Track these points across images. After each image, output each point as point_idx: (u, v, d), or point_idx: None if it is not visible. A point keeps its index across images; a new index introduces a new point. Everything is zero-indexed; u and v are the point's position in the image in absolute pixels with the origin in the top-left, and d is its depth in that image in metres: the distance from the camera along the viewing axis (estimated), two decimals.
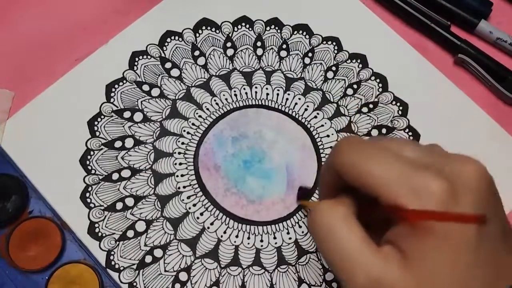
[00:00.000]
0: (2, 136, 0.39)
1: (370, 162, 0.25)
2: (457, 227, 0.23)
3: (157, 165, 0.40)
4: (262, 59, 0.43)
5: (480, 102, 0.43)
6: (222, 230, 0.38)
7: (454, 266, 0.23)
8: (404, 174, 0.24)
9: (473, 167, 0.25)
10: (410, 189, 0.24)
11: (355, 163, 0.26)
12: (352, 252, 0.25)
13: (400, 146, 0.26)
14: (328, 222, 0.26)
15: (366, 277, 0.24)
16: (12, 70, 0.41)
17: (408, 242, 0.24)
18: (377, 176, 0.24)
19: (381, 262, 0.24)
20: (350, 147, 0.26)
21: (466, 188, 0.24)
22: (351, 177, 0.26)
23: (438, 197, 0.23)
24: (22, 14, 0.43)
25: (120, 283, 0.36)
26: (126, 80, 0.41)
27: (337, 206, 0.26)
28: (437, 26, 0.44)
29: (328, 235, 0.26)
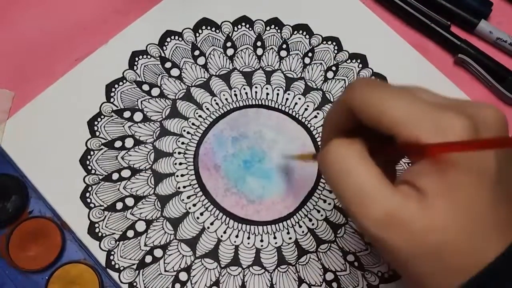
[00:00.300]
0: (2, 136, 0.39)
1: (390, 100, 0.24)
2: (478, 162, 0.23)
3: (157, 165, 0.40)
4: (262, 59, 0.43)
5: None
6: (222, 230, 0.38)
7: (469, 208, 0.23)
8: (426, 112, 0.24)
9: (492, 110, 0.25)
10: (433, 127, 0.23)
11: (374, 101, 0.25)
12: (369, 187, 0.24)
13: (417, 90, 0.26)
14: (344, 158, 0.25)
15: (381, 211, 0.23)
16: (12, 70, 0.41)
17: (428, 179, 0.24)
18: (398, 114, 0.24)
19: (398, 198, 0.24)
20: (368, 85, 0.26)
21: (487, 128, 0.24)
22: (368, 115, 0.25)
23: (461, 134, 0.23)
24: (22, 14, 0.43)
25: (120, 283, 0.36)
26: (126, 80, 0.41)
27: (350, 143, 0.26)
28: (437, 26, 0.44)
29: (343, 171, 0.25)
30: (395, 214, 0.23)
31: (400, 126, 0.24)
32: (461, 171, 0.23)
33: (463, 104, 0.25)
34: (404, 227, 0.23)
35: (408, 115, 0.24)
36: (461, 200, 0.23)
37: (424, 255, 0.23)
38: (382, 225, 0.24)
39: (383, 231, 0.24)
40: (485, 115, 0.25)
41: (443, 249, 0.23)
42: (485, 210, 0.23)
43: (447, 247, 0.23)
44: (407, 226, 0.23)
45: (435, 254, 0.23)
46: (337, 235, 0.39)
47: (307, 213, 0.39)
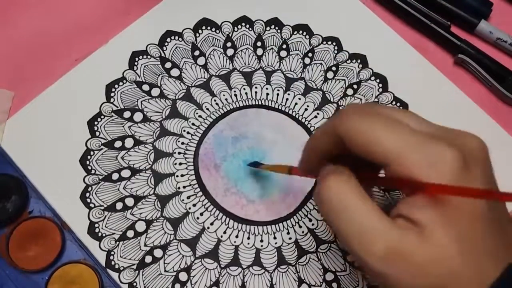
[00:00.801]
0: (2, 136, 0.39)
1: (381, 130, 0.25)
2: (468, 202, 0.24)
3: (157, 165, 0.40)
4: (262, 59, 0.43)
5: (480, 102, 0.43)
6: (222, 230, 0.38)
7: (465, 238, 0.24)
8: (418, 144, 0.24)
9: (478, 141, 0.26)
10: (425, 160, 0.23)
11: (365, 130, 0.25)
12: (368, 223, 0.24)
13: (406, 117, 0.26)
14: (342, 195, 0.25)
15: (383, 247, 0.24)
16: (12, 70, 0.41)
17: (424, 213, 0.24)
18: (390, 145, 0.24)
19: (398, 232, 0.24)
20: (359, 113, 0.26)
21: (474, 159, 0.24)
22: (358, 144, 0.25)
23: (452, 167, 0.23)
24: (22, 14, 0.43)
25: (120, 283, 0.36)
26: (126, 80, 0.41)
27: (347, 180, 0.26)
28: (437, 26, 0.44)
29: (341, 209, 0.25)
30: (396, 249, 0.24)
31: (391, 158, 0.24)
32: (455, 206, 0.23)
33: (451, 134, 0.26)
34: (407, 261, 0.23)
35: (399, 147, 0.24)
36: (458, 230, 0.24)
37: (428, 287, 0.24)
38: (385, 260, 0.24)
39: (386, 266, 0.24)
40: (471, 146, 0.25)
41: (446, 280, 0.23)
42: (481, 238, 0.24)
43: (449, 278, 0.23)
44: (410, 260, 0.23)
45: (437, 285, 0.24)
46: None
47: (307, 213, 0.39)
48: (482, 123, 0.43)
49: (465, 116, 0.43)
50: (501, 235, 0.25)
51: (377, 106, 0.27)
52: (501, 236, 0.25)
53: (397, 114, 0.26)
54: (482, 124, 0.43)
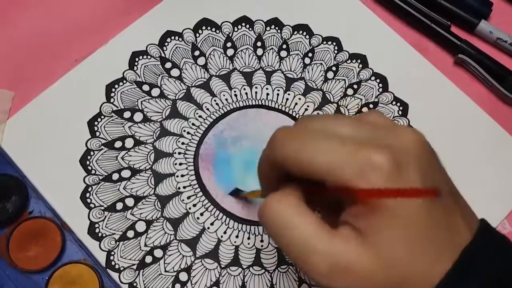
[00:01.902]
0: (2, 136, 0.39)
1: (311, 149, 0.25)
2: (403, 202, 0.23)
3: (157, 165, 0.39)
4: (262, 59, 0.43)
5: (480, 102, 0.43)
6: (222, 230, 0.38)
7: (407, 237, 0.24)
8: (346, 154, 0.24)
9: (410, 136, 0.25)
10: (355, 168, 0.23)
11: (296, 153, 0.25)
12: (308, 240, 0.24)
13: (337, 125, 0.26)
14: (279, 214, 0.25)
15: (326, 264, 0.24)
16: (12, 70, 0.41)
17: (362, 220, 0.24)
18: (320, 162, 0.24)
19: (339, 245, 0.24)
20: (287, 138, 0.26)
21: (408, 157, 0.24)
22: (294, 168, 0.25)
23: (383, 171, 0.23)
24: (22, 14, 0.43)
25: (120, 283, 0.36)
26: (126, 80, 0.41)
27: (285, 197, 0.26)
28: (437, 26, 0.44)
29: (282, 228, 0.25)
30: (339, 263, 0.24)
31: (325, 174, 0.24)
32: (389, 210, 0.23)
33: (381, 134, 0.25)
34: (352, 273, 0.24)
35: (330, 162, 0.24)
36: (400, 230, 0.24)
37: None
38: (330, 277, 0.24)
39: (332, 282, 0.24)
40: (402, 141, 0.25)
41: (392, 283, 0.24)
42: (426, 234, 0.24)
43: (395, 280, 0.24)
44: (354, 271, 0.24)
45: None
46: None
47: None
48: (482, 123, 0.43)
49: (465, 116, 0.43)
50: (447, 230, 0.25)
51: (308, 121, 0.27)
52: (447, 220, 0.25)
53: (329, 124, 0.26)
54: (482, 124, 0.43)
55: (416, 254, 0.24)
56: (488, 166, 0.41)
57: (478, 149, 0.42)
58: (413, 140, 0.25)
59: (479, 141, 0.42)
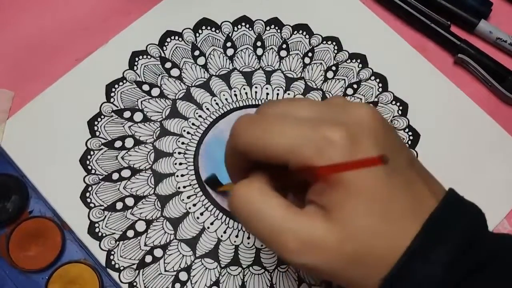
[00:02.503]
0: (2, 136, 0.39)
1: (270, 134, 0.25)
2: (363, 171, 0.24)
3: (157, 165, 0.40)
4: (262, 59, 0.43)
5: (480, 102, 0.43)
6: (222, 230, 0.38)
7: (369, 209, 0.24)
8: (304, 134, 0.25)
9: (364, 110, 0.26)
10: (313, 147, 0.24)
11: (256, 140, 0.26)
12: (276, 221, 0.25)
13: (296, 108, 0.27)
14: (246, 201, 0.26)
15: (296, 241, 0.24)
16: (12, 70, 0.41)
17: (325, 197, 0.25)
18: (280, 145, 0.25)
19: (306, 223, 0.25)
20: (247, 126, 0.27)
21: (363, 131, 0.25)
22: (256, 154, 0.26)
23: (340, 146, 0.24)
24: (22, 14, 0.43)
25: (120, 283, 0.36)
26: (126, 80, 0.42)
27: (251, 183, 0.26)
28: (437, 26, 0.44)
29: (250, 213, 0.26)
30: (308, 240, 0.24)
31: (286, 155, 0.25)
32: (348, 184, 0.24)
33: (337, 111, 0.26)
34: (320, 248, 0.24)
35: (289, 143, 0.25)
36: (362, 202, 0.24)
37: (347, 266, 0.24)
38: (300, 253, 0.24)
39: (302, 258, 0.24)
40: (356, 116, 0.25)
41: (363, 253, 0.24)
42: (388, 203, 0.24)
43: (365, 250, 0.24)
44: (322, 246, 0.24)
45: (357, 260, 0.24)
46: None
47: None
48: (482, 123, 0.43)
49: (465, 116, 0.43)
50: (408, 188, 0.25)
51: (267, 106, 0.28)
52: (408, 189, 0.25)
53: (288, 108, 0.27)
54: (482, 124, 0.43)
55: (379, 225, 0.24)
56: (488, 166, 0.41)
57: (478, 149, 0.42)
58: (366, 114, 0.26)
59: (479, 141, 0.42)
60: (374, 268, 0.24)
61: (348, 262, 0.24)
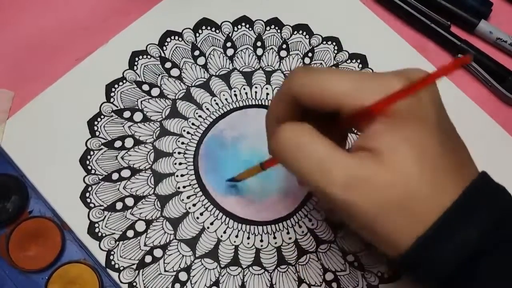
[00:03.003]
0: (2, 136, 0.39)
1: (329, 78, 0.26)
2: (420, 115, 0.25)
3: (157, 165, 0.40)
4: (262, 59, 0.43)
5: (480, 102, 0.43)
6: (222, 230, 0.38)
7: (420, 158, 0.25)
8: (365, 80, 0.26)
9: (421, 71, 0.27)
10: (374, 90, 0.25)
11: (314, 82, 0.26)
12: (326, 155, 0.25)
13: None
14: (293, 138, 0.26)
15: (343, 175, 0.24)
16: (12, 70, 0.41)
17: (379, 139, 0.25)
18: (339, 88, 0.26)
19: (357, 161, 0.25)
20: (305, 71, 0.27)
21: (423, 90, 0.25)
22: (311, 96, 0.26)
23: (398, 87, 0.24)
24: (22, 14, 0.43)
25: (120, 283, 0.36)
26: (126, 80, 0.41)
27: (298, 125, 0.27)
28: (437, 26, 0.44)
29: (299, 147, 0.26)
30: (356, 176, 0.24)
31: (343, 98, 0.25)
32: (408, 124, 0.25)
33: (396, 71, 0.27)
34: (368, 186, 0.24)
35: (348, 86, 0.25)
36: (414, 150, 0.25)
37: (391, 209, 0.24)
38: (346, 188, 0.24)
39: (348, 193, 0.24)
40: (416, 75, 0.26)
41: (407, 199, 0.24)
42: (437, 158, 0.25)
43: (411, 196, 0.24)
44: (370, 185, 0.24)
45: (401, 206, 0.24)
46: (337, 235, 0.39)
47: (307, 213, 0.39)
48: (482, 123, 0.43)
49: (465, 116, 0.43)
50: (455, 151, 0.26)
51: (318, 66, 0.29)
52: (455, 152, 0.26)
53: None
54: (482, 124, 0.43)
55: (427, 175, 0.25)
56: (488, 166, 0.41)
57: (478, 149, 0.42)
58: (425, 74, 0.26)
59: (479, 141, 0.42)
60: (414, 220, 0.24)
61: (392, 206, 0.24)
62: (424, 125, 0.25)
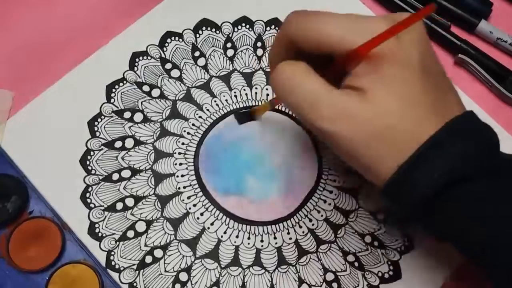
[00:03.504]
0: (2, 136, 0.39)
1: (324, 21, 0.29)
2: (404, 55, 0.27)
3: (157, 166, 0.40)
4: (262, 59, 0.43)
5: (480, 102, 0.43)
6: (222, 230, 0.38)
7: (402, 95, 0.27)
8: (357, 23, 0.28)
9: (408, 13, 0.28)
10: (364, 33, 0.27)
11: (310, 25, 0.29)
12: (317, 91, 0.28)
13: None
14: (293, 72, 0.29)
15: (331, 109, 0.27)
16: (12, 70, 0.41)
17: (363, 78, 0.28)
18: (333, 31, 0.28)
19: (343, 96, 0.28)
20: (301, 14, 0.30)
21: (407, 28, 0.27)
22: (307, 39, 0.29)
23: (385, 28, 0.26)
24: (22, 14, 0.43)
25: (120, 283, 0.36)
26: (126, 81, 0.42)
27: (296, 62, 0.29)
28: (437, 26, 0.44)
29: (293, 83, 0.29)
30: (341, 110, 0.27)
31: (335, 42, 0.28)
32: (391, 65, 0.27)
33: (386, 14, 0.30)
34: (352, 118, 0.27)
35: (341, 31, 0.28)
36: (396, 88, 0.27)
37: (373, 140, 0.27)
38: (333, 120, 0.27)
39: (335, 125, 0.27)
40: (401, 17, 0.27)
41: (388, 132, 0.27)
42: (418, 95, 0.27)
43: (391, 129, 0.27)
44: (354, 117, 0.27)
45: (381, 137, 0.27)
46: (337, 235, 0.39)
47: (307, 213, 0.39)
48: None
49: None
50: (438, 91, 0.28)
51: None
52: (439, 91, 0.28)
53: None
54: None
55: (408, 110, 0.27)
56: None
57: None
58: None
59: None
60: (394, 151, 0.27)
61: (374, 137, 0.27)
62: (405, 64, 0.27)
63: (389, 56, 0.27)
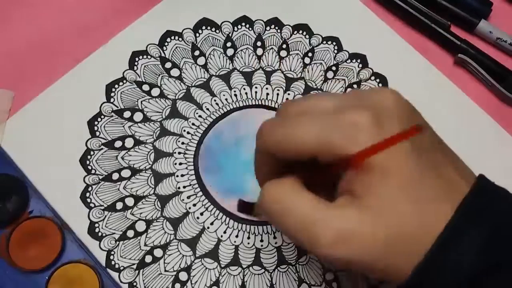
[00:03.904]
0: (2, 136, 0.39)
1: (298, 130, 0.26)
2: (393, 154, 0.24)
3: (157, 165, 0.40)
4: (262, 59, 0.43)
5: (480, 102, 0.43)
6: (222, 230, 0.38)
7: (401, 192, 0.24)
8: (329, 123, 0.25)
9: (386, 93, 0.26)
10: (341, 134, 0.24)
11: (283, 137, 0.26)
12: (308, 215, 0.25)
13: (317, 101, 0.27)
14: (278, 197, 0.26)
15: (329, 234, 0.24)
16: (12, 70, 0.41)
17: (356, 184, 0.25)
18: (308, 138, 0.25)
19: (338, 214, 0.25)
20: (272, 126, 0.27)
21: (387, 112, 0.25)
22: (286, 152, 0.26)
23: (367, 128, 0.24)
24: (22, 14, 0.43)
25: (120, 283, 0.36)
26: (126, 80, 0.42)
27: (281, 180, 0.26)
28: (437, 26, 0.44)
29: (282, 209, 0.26)
30: (341, 232, 0.24)
31: (314, 148, 0.25)
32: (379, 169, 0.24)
33: (360, 97, 0.26)
34: (355, 239, 0.24)
35: (318, 135, 0.25)
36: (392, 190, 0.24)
37: (382, 255, 0.24)
38: (334, 246, 0.24)
39: (337, 251, 0.24)
40: (379, 99, 0.26)
41: (395, 241, 0.24)
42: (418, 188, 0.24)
43: (397, 237, 0.24)
44: (356, 236, 0.24)
45: (390, 248, 0.24)
46: None
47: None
48: (482, 123, 0.43)
49: (465, 116, 0.43)
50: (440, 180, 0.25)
51: (289, 106, 0.28)
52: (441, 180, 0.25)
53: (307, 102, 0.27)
54: (482, 124, 0.43)
55: (412, 209, 0.24)
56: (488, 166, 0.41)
57: (478, 149, 0.42)
58: (390, 96, 0.26)
59: (479, 141, 0.42)
60: (408, 255, 0.24)
61: (383, 251, 0.24)
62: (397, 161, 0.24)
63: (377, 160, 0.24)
